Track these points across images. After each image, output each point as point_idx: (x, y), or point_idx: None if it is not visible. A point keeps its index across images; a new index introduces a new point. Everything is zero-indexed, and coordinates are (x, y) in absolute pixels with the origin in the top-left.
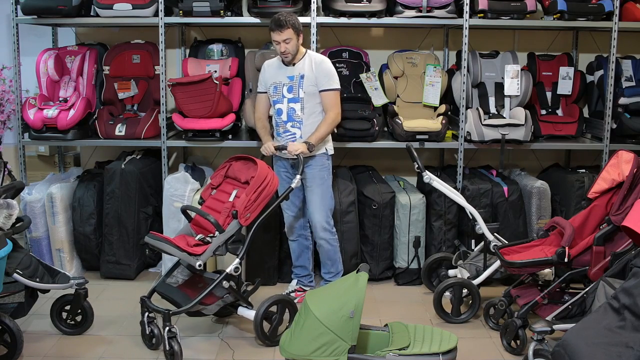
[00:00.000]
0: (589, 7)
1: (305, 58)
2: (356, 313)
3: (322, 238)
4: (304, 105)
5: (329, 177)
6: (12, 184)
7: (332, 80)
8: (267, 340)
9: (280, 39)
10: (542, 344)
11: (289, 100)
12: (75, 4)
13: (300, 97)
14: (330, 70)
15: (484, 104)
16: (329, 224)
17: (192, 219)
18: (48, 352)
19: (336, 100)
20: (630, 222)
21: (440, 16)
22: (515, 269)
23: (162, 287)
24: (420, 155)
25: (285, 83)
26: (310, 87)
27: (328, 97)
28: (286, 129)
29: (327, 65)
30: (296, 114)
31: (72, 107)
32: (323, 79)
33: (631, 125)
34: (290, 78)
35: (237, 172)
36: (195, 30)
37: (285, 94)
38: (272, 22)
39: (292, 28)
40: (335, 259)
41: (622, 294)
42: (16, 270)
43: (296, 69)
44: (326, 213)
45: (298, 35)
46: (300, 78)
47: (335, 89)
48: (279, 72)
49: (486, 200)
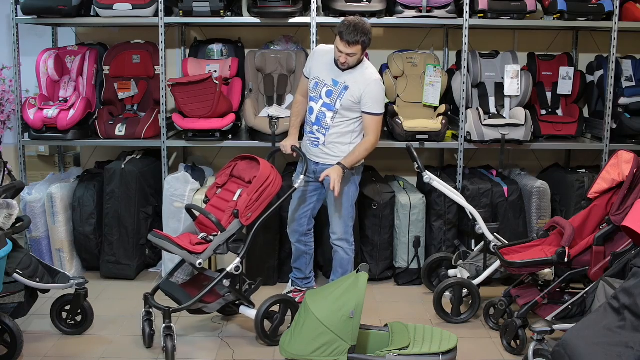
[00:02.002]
0: (589, 7)
1: (357, 69)
2: (356, 313)
3: (338, 245)
4: (336, 115)
5: (351, 189)
6: (12, 184)
7: (379, 104)
8: (267, 339)
9: (345, 51)
10: (542, 344)
11: (323, 105)
12: (75, 4)
13: (335, 107)
14: (380, 94)
15: (484, 104)
16: (348, 234)
17: (197, 218)
18: (48, 352)
19: (378, 125)
20: (630, 222)
21: (440, 16)
22: (515, 269)
23: (166, 284)
24: (420, 155)
25: (327, 84)
26: (349, 102)
27: (370, 121)
28: (312, 130)
29: (378, 88)
30: (325, 121)
31: (72, 107)
32: (369, 101)
33: (631, 125)
34: (334, 82)
35: (242, 171)
36: (195, 30)
37: (323, 97)
38: (345, 32)
39: (361, 46)
40: (347, 270)
41: (622, 294)
42: (16, 270)
43: (344, 76)
44: (345, 224)
45: (364, 51)
46: (343, 89)
47: (379, 114)
48: (327, 69)
49: (486, 200)
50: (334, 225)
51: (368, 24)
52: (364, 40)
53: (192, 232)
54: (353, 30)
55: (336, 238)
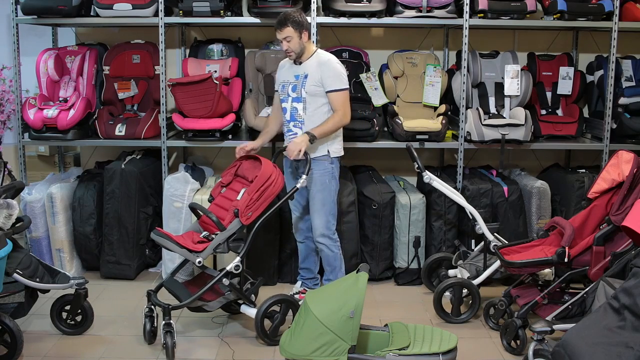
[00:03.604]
0: (589, 7)
1: (312, 57)
2: (356, 313)
3: (321, 243)
4: (306, 105)
5: (332, 182)
6: (12, 184)
7: (338, 80)
8: (267, 338)
9: (280, 37)
10: (542, 344)
11: (292, 100)
12: (75, 4)
13: (302, 97)
14: (336, 70)
15: (484, 104)
16: (329, 230)
17: (201, 217)
18: (48, 352)
19: (343, 100)
20: (630, 222)
21: (440, 16)
22: (515, 269)
23: (169, 282)
24: (420, 155)
25: (291, 82)
26: (312, 87)
27: (334, 97)
28: (289, 129)
29: (333, 65)
30: (298, 114)
31: (72, 107)
32: (328, 79)
33: (631, 125)
34: (296, 77)
35: (245, 170)
36: (195, 30)
37: (290, 93)
38: (275, 22)
39: (292, 26)
40: (335, 266)
41: (622, 294)
42: (16, 270)
43: (302, 68)
44: (326, 219)
45: (300, 33)
46: (304, 77)
47: (342, 89)
48: (288, 71)
49: (486, 200)
50: (316, 220)
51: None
52: (292, 19)
53: (196, 231)
54: (280, 18)
55: (318, 234)
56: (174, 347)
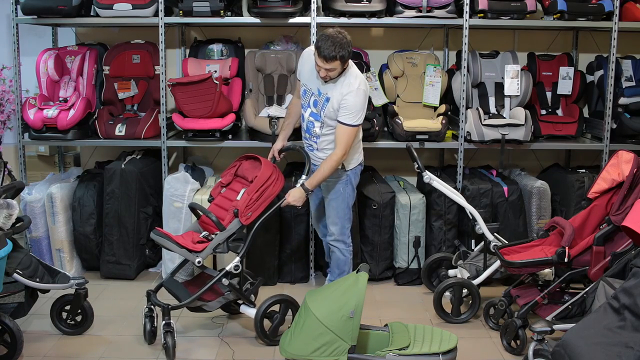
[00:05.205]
0: (589, 7)
1: (339, 79)
2: (356, 313)
3: (334, 245)
4: (323, 125)
5: (346, 189)
6: (12, 184)
7: (353, 116)
8: (266, 338)
9: (324, 66)
10: (542, 344)
11: (311, 114)
12: (75, 4)
13: (321, 118)
14: (355, 106)
15: (484, 104)
16: (344, 234)
17: (201, 217)
18: (48, 352)
19: (349, 136)
20: (630, 222)
21: (440, 16)
22: (515, 269)
23: (169, 282)
24: (420, 155)
25: (314, 94)
26: (331, 112)
27: (341, 130)
28: (305, 137)
29: (353, 100)
30: (314, 130)
31: (72, 107)
32: (344, 110)
33: (631, 125)
34: (319, 93)
35: (245, 171)
36: (195, 30)
37: (311, 105)
38: (322, 46)
39: (340, 61)
40: (343, 270)
41: (622, 294)
42: (16, 270)
43: (326, 86)
44: (341, 224)
45: (344, 64)
46: (325, 100)
47: (353, 125)
48: (313, 77)
49: (486, 200)
50: (331, 226)
51: (347, 37)
52: (343, 54)
53: (196, 231)
54: (331, 45)
55: (333, 239)
56: (174, 346)
